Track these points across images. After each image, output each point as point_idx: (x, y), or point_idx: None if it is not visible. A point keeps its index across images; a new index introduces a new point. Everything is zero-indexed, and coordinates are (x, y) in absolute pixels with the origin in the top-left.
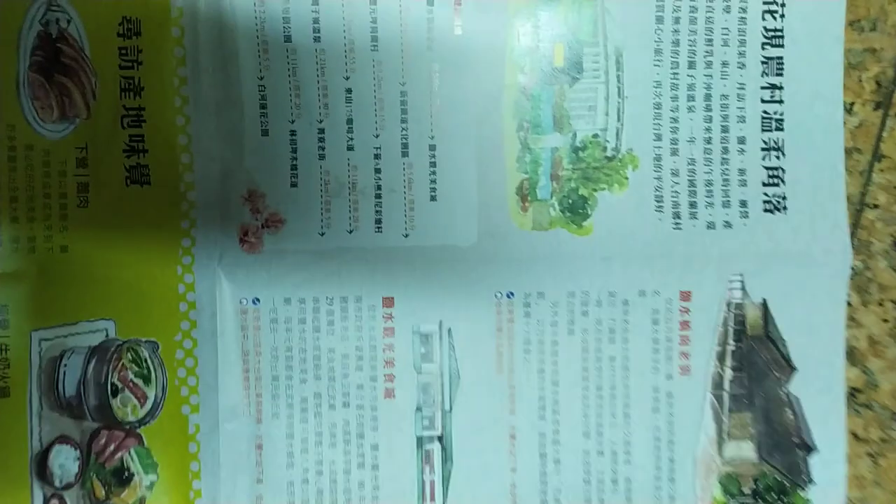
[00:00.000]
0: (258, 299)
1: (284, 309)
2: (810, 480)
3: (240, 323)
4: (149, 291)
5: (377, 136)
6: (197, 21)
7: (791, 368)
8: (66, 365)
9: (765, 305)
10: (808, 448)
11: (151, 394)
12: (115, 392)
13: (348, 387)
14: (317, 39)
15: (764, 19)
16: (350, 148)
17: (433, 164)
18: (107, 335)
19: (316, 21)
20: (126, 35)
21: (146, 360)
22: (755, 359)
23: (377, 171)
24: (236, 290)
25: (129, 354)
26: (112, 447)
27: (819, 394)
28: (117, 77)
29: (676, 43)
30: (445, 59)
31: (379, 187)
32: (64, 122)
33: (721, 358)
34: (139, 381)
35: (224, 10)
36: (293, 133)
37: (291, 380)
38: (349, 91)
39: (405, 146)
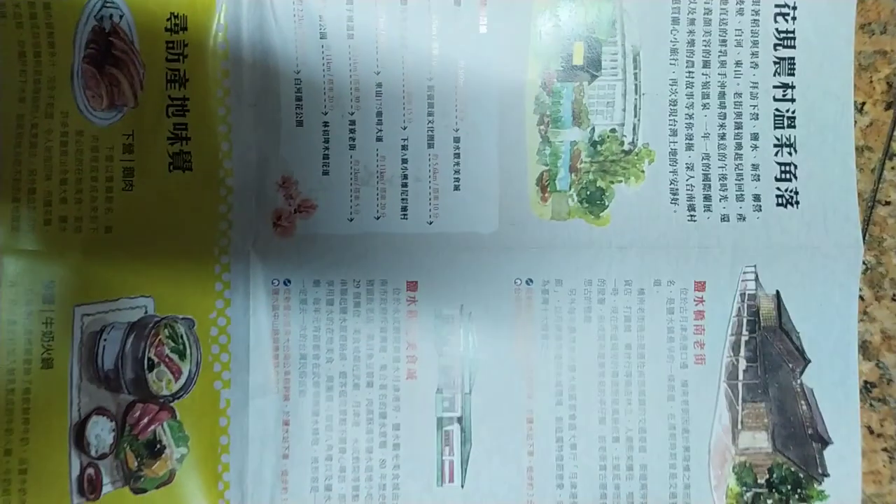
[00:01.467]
0: (289, 280)
1: (314, 290)
2: (825, 474)
3: (271, 303)
4: (186, 271)
5: (405, 129)
6: (240, 18)
7: (804, 360)
8: (105, 339)
9: (778, 297)
10: (823, 441)
11: (186, 369)
12: (152, 366)
13: (372, 367)
14: (350, 36)
15: (776, 21)
16: (379, 139)
17: (457, 156)
18: (146, 312)
19: (350, 19)
20: (173, 30)
21: (182, 337)
22: (769, 349)
23: (404, 161)
24: (269, 271)
25: (166, 330)
26: (146, 420)
27: (833, 386)
28: (164, 69)
29: (692, 43)
30: (471, 56)
31: (405, 176)
32: (113, 111)
33: (735, 348)
34: (175, 357)
35: (265, 8)
36: (326, 124)
37: (318, 359)
38: (379, 85)
39: (431, 138)
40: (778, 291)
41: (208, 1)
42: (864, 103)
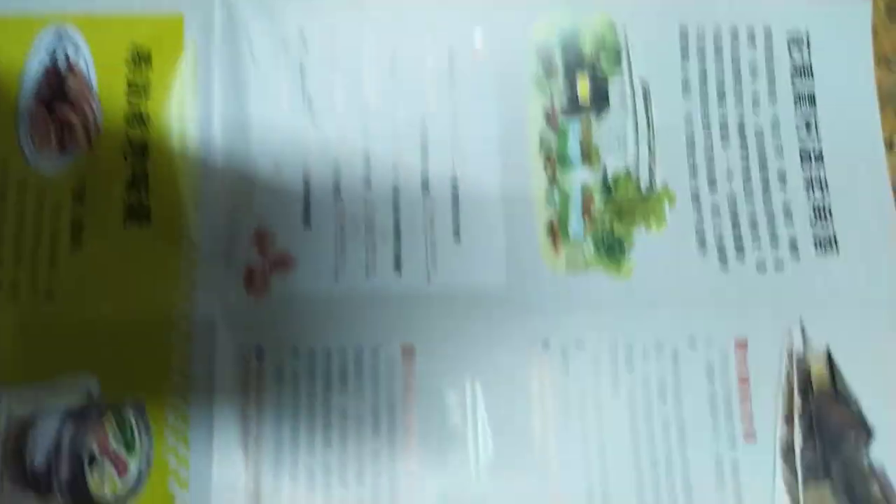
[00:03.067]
0: (262, 350)
1: (292, 362)
2: None
3: (240, 378)
4: (139, 342)
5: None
6: (210, 53)
7: (868, 431)
8: (36, 428)
9: (829, 356)
10: None
11: (134, 465)
12: (92, 461)
13: (363, 455)
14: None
15: (790, 52)
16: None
17: (456, 199)
18: (88, 393)
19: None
20: (136, 64)
21: (130, 424)
22: (826, 419)
23: (396, 208)
24: (238, 339)
25: (111, 416)
26: None
27: None
28: (124, 108)
29: (704, 74)
30: (465, 83)
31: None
32: (63, 155)
33: (788, 419)
34: (121, 449)
35: (241, 41)
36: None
37: (297, 447)
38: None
39: (426, 181)
40: (829, 349)
41: (175, 32)
42: (891, 139)
